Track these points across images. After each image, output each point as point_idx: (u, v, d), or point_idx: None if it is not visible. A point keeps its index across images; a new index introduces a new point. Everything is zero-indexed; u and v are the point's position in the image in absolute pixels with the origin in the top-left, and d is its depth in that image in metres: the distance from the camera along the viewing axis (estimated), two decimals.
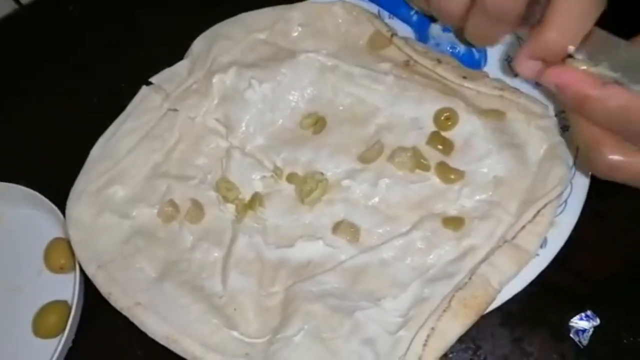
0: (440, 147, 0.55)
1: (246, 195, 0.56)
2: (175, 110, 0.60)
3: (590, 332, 0.49)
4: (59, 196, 0.59)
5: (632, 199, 0.53)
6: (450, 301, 0.46)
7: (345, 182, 0.55)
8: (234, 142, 0.59)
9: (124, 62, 0.72)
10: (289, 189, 0.56)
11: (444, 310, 0.46)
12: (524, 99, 0.55)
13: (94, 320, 0.57)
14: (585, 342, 0.48)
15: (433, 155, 0.55)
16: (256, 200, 0.55)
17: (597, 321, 0.49)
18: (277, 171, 0.57)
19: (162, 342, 0.49)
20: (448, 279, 0.48)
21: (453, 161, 0.54)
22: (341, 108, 0.60)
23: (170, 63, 0.64)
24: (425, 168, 0.55)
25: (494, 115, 0.55)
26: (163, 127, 0.60)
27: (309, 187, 0.55)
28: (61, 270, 0.59)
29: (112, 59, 0.72)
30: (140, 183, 0.58)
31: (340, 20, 0.63)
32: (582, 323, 0.49)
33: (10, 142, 0.70)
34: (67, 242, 0.58)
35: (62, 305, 0.57)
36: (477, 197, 0.53)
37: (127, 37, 0.74)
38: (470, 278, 0.47)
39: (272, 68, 0.60)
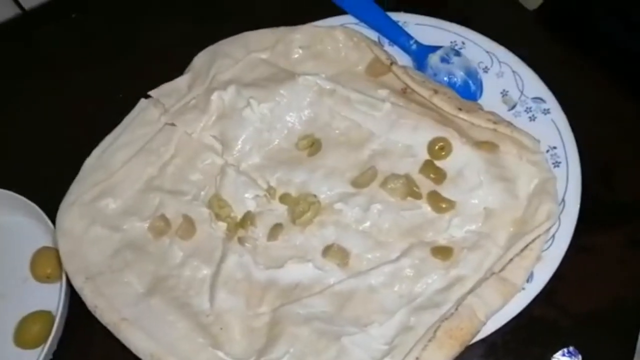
0: (432, 176, 0.56)
1: (238, 214, 0.56)
2: (172, 124, 0.60)
3: None
4: (50, 204, 0.58)
5: (617, 236, 0.55)
6: (435, 331, 0.46)
7: (338, 206, 0.55)
8: (229, 160, 0.59)
9: (122, 74, 0.72)
10: (281, 209, 0.57)
11: (429, 340, 0.46)
12: (517, 133, 0.55)
13: (76, 333, 0.56)
14: None
15: (425, 184, 0.56)
16: (248, 219, 0.55)
17: (579, 358, 0.49)
18: (270, 191, 0.57)
19: (147, 359, 0.48)
20: (435, 308, 0.49)
21: (445, 191, 0.55)
22: (337, 132, 0.60)
23: (169, 77, 0.65)
24: (417, 196, 0.55)
25: (488, 147, 0.56)
26: (159, 141, 0.60)
27: (301, 208, 0.55)
28: (47, 279, 0.58)
29: (110, 69, 0.72)
30: (133, 196, 0.57)
31: (340, 45, 0.64)
32: (564, 359, 0.49)
33: (2, 148, 0.70)
34: (55, 252, 0.57)
35: (45, 316, 0.56)
36: (467, 228, 0.53)
37: (128, 49, 0.74)
38: (456, 309, 0.47)
39: (271, 88, 0.61)
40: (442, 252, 0.52)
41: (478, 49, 0.62)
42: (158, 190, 0.58)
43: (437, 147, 0.56)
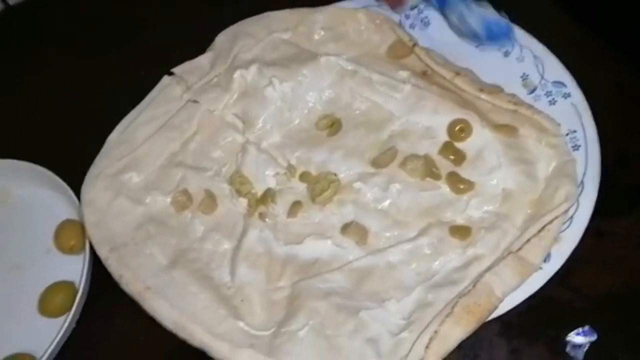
0: (452, 157, 0.57)
1: (259, 191, 0.57)
2: (195, 101, 0.61)
3: (586, 348, 0.50)
4: (74, 178, 0.59)
5: (635, 219, 0.55)
6: (453, 307, 0.47)
7: (357, 185, 0.56)
8: (250, 138, 0.60)
9: (144, 50, 0.73)
10: (301, 187, 0.58)
11: (447, 316, 0.47)
12: (538, 115, 0.56)
13: (98, 303, 0.57)
14: (580, 357, 0.49)
15: (444, 165, 0.57)
16: (268, 196, 0.56)
17: (594, 337, 0.50)
18: (290, 169, 0.58)
19: (170, 327, 0.50)
20: (452, 285, 0.50)
21: (464, 172, 0.56)
22: (357, 112, 0.61)
23: (191, 55, 0.66)
24: (436, 177, 0.56)
25: (507, 130, 0.56)
26: (182, 117, 0.61)
27: (320, 186, 0.56)
28: (70, 251, 0.60)
29: (132, 45, 0.73)
30: (156, 171, 0.59)
31: (362, 27, 0.65)
32: (579, 338, 0.50)
33: (27, 122, 0.71)
34: (79, 224, 0.59)
35: (68, 286, 0.58)
36: (485, 208, 0.54)
37: (149, 28, 0.75)
38: (474, 286, 0.48)
39: (293, 68, 0.62)
40: (460, 231, 0.53)
41: None
42: (180, 166, 0.59)
43: (457, 129, 0.57)
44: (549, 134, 0.56)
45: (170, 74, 0.64)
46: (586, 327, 0.50)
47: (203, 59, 0.65)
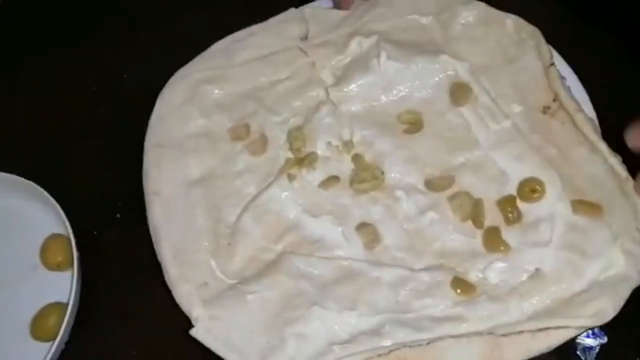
0: (508, 214, 0.52)
1: (307, 151, 0.58)
2: (304, 52, 0.62)
3: (597, 350, 0.48)
4: (59, 190, 0.59)
5: None
6: (391, 351, 0.46)
7: (399, 193, 0.55)
8: (332, 96, 0.60)
9: (127, 53, 0.71)
10: (347, 165, 0.57)
11: (379, 356, 0.46)
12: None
13: (88, 320, 0.57)
14: None
15: (494, 217, 0.53)
16: (310, 159, 0.57)
17: (605, 339, 0.48)
18: (348, 145, 0.58)
19: (151, 232, 0.54)
20: (414, 330, 0.48)
21: (507, 232, 0.52)
22: (445, 124, 0.58)
23: (177, 59, 0.63)
24: (479, 225, 0.53)
25: (586, 210, 0.51)
26: (283, 58, 0.62)
27: (363, 176, 0.56)
28: (58, 267, 0.59)
29: (114, 48, 0.71)
30: (236, 96, 0.61)
31: (505, 36, 0.60)
32: (589, 340, 0.49)
33: (7, 131, 0.69)
34: (65, 239, 0.58)
35: (61, 308, 0.56)
36: (505, 279, 0.50)
37: (132, 28, 0.73)
38: (427, 344, 0.46)
39: (409, 53, 0.60)
40: (464, 287, 0.50)
41: None
42: (258, 101, 0.61)
43: (528, 188, 0.53)
44: (629, 238, 0.49)
45: (298, 6, 0.64)
46: (596, 329, 0.48)
47: (334, 14, 0.64)
